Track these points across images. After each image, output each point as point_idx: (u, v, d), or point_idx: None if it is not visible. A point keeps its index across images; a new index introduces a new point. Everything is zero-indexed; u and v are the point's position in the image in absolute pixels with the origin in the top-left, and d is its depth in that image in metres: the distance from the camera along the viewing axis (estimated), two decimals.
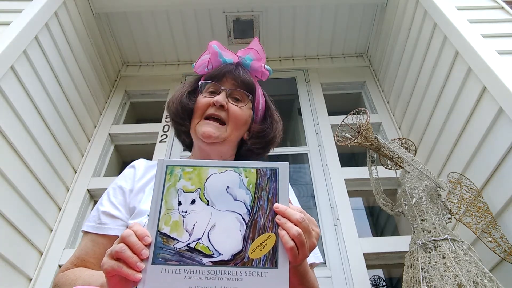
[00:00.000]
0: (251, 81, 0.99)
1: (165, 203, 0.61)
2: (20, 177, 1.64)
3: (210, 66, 1.00)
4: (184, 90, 1.02)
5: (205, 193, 0.61)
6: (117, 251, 0.56)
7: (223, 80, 0.97)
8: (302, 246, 0.59)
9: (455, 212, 1.40)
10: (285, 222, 0.59)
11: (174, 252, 0.58)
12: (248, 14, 2.59)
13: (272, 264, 0.57)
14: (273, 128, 1.03)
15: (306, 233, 0.60)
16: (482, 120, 1.55)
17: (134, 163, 0.98)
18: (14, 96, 1.63)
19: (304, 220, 0.60)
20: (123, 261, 0.56)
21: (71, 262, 0.84)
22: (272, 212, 0.60)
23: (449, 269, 1.16)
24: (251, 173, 0.63)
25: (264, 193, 0.62)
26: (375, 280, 2.00)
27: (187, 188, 0.62)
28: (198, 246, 0.58)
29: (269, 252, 0.58)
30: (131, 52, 2.80)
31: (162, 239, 0.58)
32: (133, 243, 0.57)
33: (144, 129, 2.45)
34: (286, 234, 0.58)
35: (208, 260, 0.57)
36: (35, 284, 1.69)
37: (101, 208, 0.88)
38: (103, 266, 0.58)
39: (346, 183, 2.07)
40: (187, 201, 0.61)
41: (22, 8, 1.82)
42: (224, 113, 0.94)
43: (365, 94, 2.72)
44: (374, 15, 2.66)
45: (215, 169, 0.63)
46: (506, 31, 1.72)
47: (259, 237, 0.59)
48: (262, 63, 1.02)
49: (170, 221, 0.59)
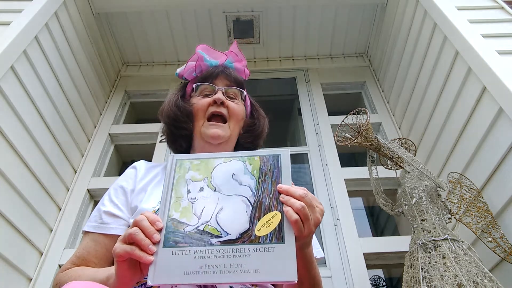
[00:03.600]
0: (241, 79, 1.06)
1: (175, 192, 0.65)
2: (20, 177, 1.64)
3: (199, 70, 1.05)
4: (177, 95, 1.05)
5: (212, 181, 0.65)
6: (131, 233, 0.59)
7: (216, 80, 1.02)
8: (307, 219, 0.60)
9: (455, 212, 1.40)
10: (288, 199, 0.61)
11: (184, 235, 0.60)
12: (248, 14, 2.59)
13: (278, 240, 0.59)
14: (260, 122, 1.09)
15: (309, 207, 0.61)
16: (482, 120, 1.55)
17: (135, 164, 1.00)
18: (14, 96, 1.63)
19: (306, 196, 0.62)
20: (135, 245, 0.59)
21: (71, 261, 0.84)
22: (276, 193, 0.63)
23: (449, 269, 1.16)
24: (254, 160, 0.67)
25: (268, 176, 0.65)
26: (375, 280, 2.01)
27: (195, 178, 0.66)
28: (206, 228, 0.60)
29: (275, 229, 0.60)
30: (131, 52, 2.80)
31: (173, 224, 0.61)
32: (145, 227, 0.59)
33: (144, 129, 2.45)
34: (291, 209, 0.60)
35: (216, 240, 0.59)
36: (35, 284, 1.68)
37: (103, 208, 0.89)
38: (115, 250, 0.60)
39: (346, 183, 2.07)
40: (195, 189, 0.64)
41: (22, 8, 1.82)
42: (225, 110, 0.98)
43: (365, 94, 2.72)
44: (374, 15, 2.66)
45: (221, 159, 0.67)
46: (506, 31, 1.72)
47: (265, 216, 0.61)
48: (243, 64, 1.10)
49: (180, 207, 0.63)
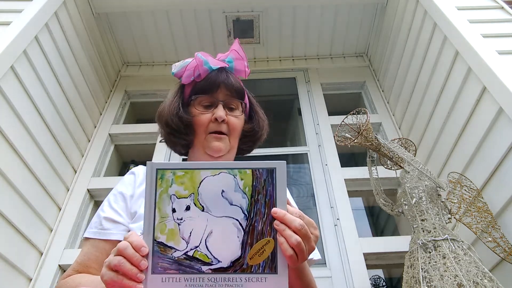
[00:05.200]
0: (241, 87, 1.02)
1: (159, 210, 0.58)
2: (20, 177, 1.64)
3: (197, 74, 1.00)
4: (177, 103, 1.01)
5: (199, 198, 0.59)
6: (116, 264, 0.56)
7: (217, 92, 0.98)
8: (301, 252, 0.58)
9: (455, 212, 1.40)
10: (283, 229, 0.58)
11: (172, 261, 0.57)
12: (248, 14, 2.59)
13: (271, 270, 0.57)
14: (260, 125, 1.06)
15: (305, 239, 0.58)
16: (482, 120, 1.55)
17: (134, 170, 0.99)
18: (14, 96, 1.63)
19: (303, 227, 0.58)
20: (122, 273, 0.56)
21: (73, 268, 0.84)
22: (270, 217, 0.58)
23: (449, 269, 1.16)
24: (246, 174, 0.59)
25: (261, 196, 0.59)
26: (375, 280, 2.00)
27: (180, 193, 0.59)
28: (196, 254, 0.57)
29: (268, 257, 0.57)
30: (131, 52, 2.80)
31: (159, 248, 0.57)
32: (130, 255, 0.56)
33: (144, 129, 2.45)
34: (285, 242, 0.57)
35: (207, 267, 0.57)
36: (35, 284, 1.69)
37: (103, 214, 0.89)
38: (102, 277, 0.57)
39: (346, 183, 2.07)
40: (181, 207, 0.58)
41: (22, 8, 1.82)
42: (225, 126, 0.97)
43: (365, 94, 2.72)
44: (374, 15, 2.66)
45: (207, 171, 0.59)
46: (506, 31, 1.72)
47: (257, 243, 0.58)
48: (244, 62, 1.05)
49: (165, 229, 0.58)
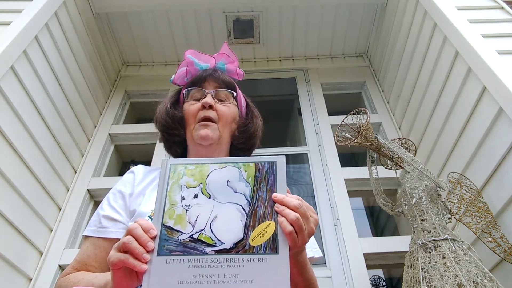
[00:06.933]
0: (231, 81, 1.06)
1: (169, 198, 0.64)
2: (20, 177, 1.64)
3: (189, 75, 1.06)
4: (167, 103, 1.06)
5: (206, 188, 0.64)
6: (125, 242, 0.59)
7: (205, 84, 1.02)
8: (301, 230, 0.60)
9: (455, 212, 1.40)
10: (283, 209, 0.61)
11: (178, 243, 0.60)
12: (248, 14, 2.59)
13: (272, 250, 0.59)
14: (253, 122, 1.08)
15: (304, 218, 0.62)
16: (482, 120, 1.55)
17: (133, 169, 1.01)
18: (14, 96, 1.63)
19: (301, 206, 0.62)
20: (129, 253, 0.58)
21: (72, 266, 0.85)
22: (271, 202, 0.63)
23: (449, 269, 1.16)
24: (250, 167, 0.66)
25: (263, 184, 0.64)
26: (375, 280, 2.01)
27: (189, 184, 0.65)
28: (201, 236, 0.60)
29: (270, 239, 0.60)
30: (131, 52, 2.80)
31: (167, 231, 0.61)
32: (139, 235, 0.59)
33: (144, 129, 2.45)
34: (285, 220, 0.60)
35: (210, 249, 0.59)
36: (35, 284, 1.68)
37: (102, 213, 0.90)
38: (109, 259, 0.59)
39: (346, 183, 2.07)
40: (189, 195, 0.64)
41: (22, 8, 1.82)
42: (214, 113, 0.98)
43: (365, 94, 2.71)
44: (374, 15, 2.66)
45: (215, 165, 0.66)
46: (506, 31, 1.72)
47: (259, 226, 0.61)
48: (235, 65, 1.09)
49: (174, 214, 0.62)
